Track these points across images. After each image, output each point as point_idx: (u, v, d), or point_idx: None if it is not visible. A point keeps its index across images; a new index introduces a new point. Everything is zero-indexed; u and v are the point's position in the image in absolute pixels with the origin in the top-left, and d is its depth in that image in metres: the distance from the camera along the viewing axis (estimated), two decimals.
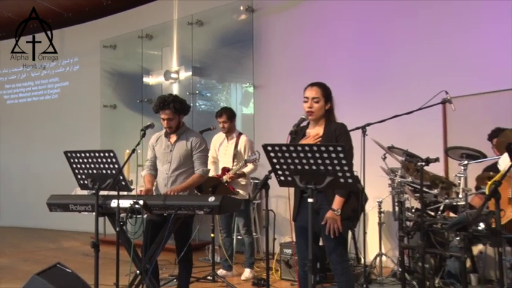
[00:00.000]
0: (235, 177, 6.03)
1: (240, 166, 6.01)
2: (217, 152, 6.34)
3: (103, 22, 10.54)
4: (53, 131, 11.20)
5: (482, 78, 5.87)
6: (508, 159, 2.96)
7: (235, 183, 6.06)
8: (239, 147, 6.16)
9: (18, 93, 12.20)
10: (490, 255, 5.43)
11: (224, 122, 6.20)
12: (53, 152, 8.91)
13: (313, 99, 3.82)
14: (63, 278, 4.99)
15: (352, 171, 3.24)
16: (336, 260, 3.84)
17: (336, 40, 7.35)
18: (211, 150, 6.39)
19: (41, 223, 10.62)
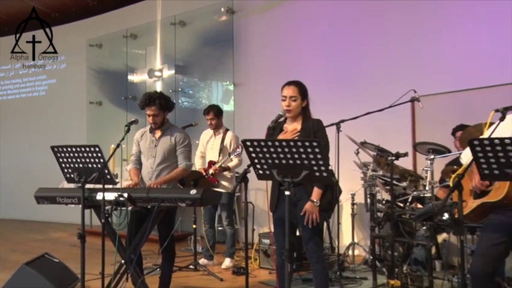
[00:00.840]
0: (220, 170, 6.04)
1: (225, 160, 6.02)
2: (205, 147, 6.34)
3: (89, 22, 10.45)
4: (41, 126, 11.09)
5: (448, 79, 5.94)
6: (469, 153, 3.00)
7: (221, 176, 6.07)
8: (225, 142, 6.17)
9: (6, 90, 12.05)
10: (453, 243, 5.50)
11: (211, 119, 6.21)
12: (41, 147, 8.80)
13: (290, 97, 3.83)
14: (50, 268, 4.99)
15: (327, 165, 3.27)
16: (312, 249, 3.86)
17: (312, 41, 7.37)
18: (199, 145, 6.42)
19: (30, 215, 10.51)
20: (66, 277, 5.03)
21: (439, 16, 6.16)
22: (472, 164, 3.07)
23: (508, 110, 3.30)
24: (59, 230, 9.48)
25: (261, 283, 5.42)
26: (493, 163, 2.90)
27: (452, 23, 6.04)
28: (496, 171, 2.92)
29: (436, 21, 6.18)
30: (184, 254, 6.89)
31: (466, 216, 3.53)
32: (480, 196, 3.51)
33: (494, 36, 5.63)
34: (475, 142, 2.90)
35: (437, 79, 5.98)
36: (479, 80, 5.60)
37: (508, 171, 2.85)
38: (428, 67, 6.12)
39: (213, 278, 5.67)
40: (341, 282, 5.14)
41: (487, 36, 5.70)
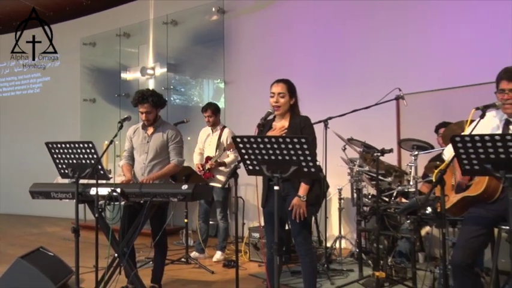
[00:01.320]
0: (216, 165, 6.05)
1: (220, 155, 6.03)
2: (203, 144, 6.35)
3: (83, 21, 10.40)
4: (36, 123, 11.03)
5: (432, 78, 5.96)
6: (451, 150, 3.03)
7: (217, 171, 6.08)
8: (222, 139, 6.18)
9: (1, 87, 11.97)
10: (436, 236, 5.55)
11: (209, 116, 6.23)
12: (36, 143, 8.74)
13: (279, 94, 3.84)
14: (45, 261, 4.98)
15: (314, 161, 3.28)
16: (300, 243, 3.88)
17: (301, 40, 7.39)
18: (198, 142, 6.43)
19: (26, 210, 10.45)
20: (60, 270, 5.02)
21: (424, 18, 6.18)
22: (454, 160, 3.10)
23: (488, 107, 3.33)
24: (53, 225, 9.45)
25: (251, 275, 5.43)
26: (474, 159, 2.93)
27: (436, 24, 6.07)
28: (476, 166, 2.95)
29: (420, 23, 6.21)
30: (176, 247, 6.89)
31: (448, 210, 3.57)
32: (461, 191, 3.55)
33: (476, 37, 5.67)
34: (456, 139, 2.93)
35: (421, 78, 6.01)
36: (461, 79, 5.63)
37: (487, 167, 2.89)
38: (413, 67, 6.15)
39: (204, 270, 5.67)
40: (328, 274, 5.16)
41: (468, 37, 5.74)
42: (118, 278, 4.29)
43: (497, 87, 3.42)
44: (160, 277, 4.81)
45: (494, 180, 3.31)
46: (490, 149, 2.84)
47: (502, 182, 3.18)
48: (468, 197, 3.46)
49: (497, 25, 5.49)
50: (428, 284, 4.67)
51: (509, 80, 3.34)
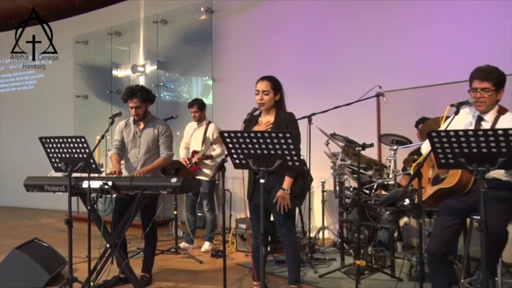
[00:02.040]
0: (203, 158, 6.04)
1: (207, 149, 6.03)
2: (189, 139, 6.34)
3: (76, 20, 10.32)
4: (30, 119, 10.97)
5: (410, 76, 6.01)
6: (428, 144, 3.07)
7: (203, 164, 6.08)
8: (208, 133, 6.17)
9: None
10: (413, 226, 5.62)
11: (195, 112, 6.22)
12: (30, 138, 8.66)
13: (263, 91, 3.85)
14: (40, 251, 4.97)
15: (299, 155, 3.29)
16: (285, 233, 3.91)
17: (286, 39, 7.40)
18: (184, 137, 6.41)
19: (21, 202, 10.44)
20: (54, 260, 5.01)
21: (403, 19, 6.22)
22: (431, 154, 3.14)
23: (462, 105, 3.37)
24: (47, 217, 9.40)
25: (238, 265, 5.46)
26: (449, 153, 2.96)
27: (414, 25, 6.11)
28: (451, 160, 2.99)
29: (399, 24, 6.24)
30: (166, 238, 6.89)
31: (425, 201, 3.61)
32: (436, 183, 3.60)
33: (453, 37, 5.72)
34: (433, 134, 2.96)
35: (400, 76, 6.05)
36: (438, 78, 5.68)
37: (461, 160, 2.93)
38: (393, 65, 6.19)
39: (193, 260, 5.69)
40: (312, 263, 5.20)
41: (446, 37, 5.79)
42: (110, 268, 4.28)
43: (470, 85, 3.46)
44: (151, 267, 4.82)
45: (467, 173, 3.36)
46: (464, 144, 2.88)
47: (474, 175, 3.23)
48: (443, 189, 3.51)
49: (472, 26, 5.55)
50: (406, 271, 4.73)
51: (481, 79, 3.39)
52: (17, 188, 5.23)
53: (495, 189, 3.31)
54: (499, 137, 2.76)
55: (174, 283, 4.80)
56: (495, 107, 3.45)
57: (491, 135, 2.78)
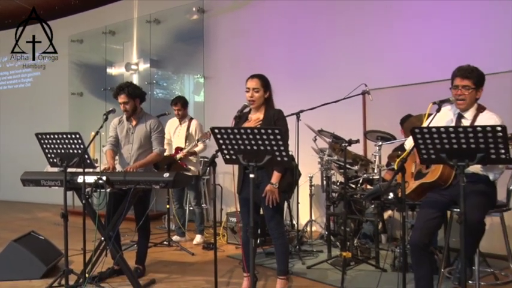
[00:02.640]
0: (188, 155, 6.04)
1: (193, 145, 6.02)
2: (171, 135, 6.31)
3: (71, 19, 10.26)
4: (27, 115, 10.91)
5: (395, 74, 6.01)
6: (412, 141, 3.10)
7: (187, 161, 6.07)
8: (191, 130, 6.16)
9: None
10: (397, 219, 5.65)
11: (179, 110, 6.19)
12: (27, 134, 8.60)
13: (253, 89, 3.86)
14: (36, 244, 4.98)
15: (287, 151, 3.30)
16: (273, 226, 3.92)
17: (275, 38, 7.39)
18: (166, 133, 6.36)
19: (17, 197, 10.40)
20: (51, 252, 5.02)
21: (389, 19, 6.21)
22: (414, 150, 3.16)
23: (444, 102, 3.41)
24: (44, 210, 9.35)
25: (229, 257, 5.47)
26: (431, 149, 2.99)
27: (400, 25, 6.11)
28: (433, 155, 3.01)
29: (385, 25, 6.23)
30: (159, 231, 6.89)
31: (408, 195, 3.64)
32: (419, 178, 3.63)
33: (435, 37, 5.74)
34: (416, 130, 2.99)
35: (385, 75, 6.06)
36: (421, 77, 5.69)
37: (443, 156, 2.95)
38: (378, 64, 6.20)
39: (185, 252, 5.70)
40: (300, 255, 5.22)
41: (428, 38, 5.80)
42: (104, 260, 4.28)
43: (452, 83, 3.50)
44: (144, 259, 4.82)
45: (448, 168, 3.39)
46: (445, 140, 2.91)
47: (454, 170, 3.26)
48: (425, 184, 3.54)
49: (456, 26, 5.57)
50: (390, 262, 4.77)
51: (462, 77, 3.43)
52: (14, 182, 5.22)
53: (474, 183, 3.35)
54: (478, 134, 2.80)
55: (166, 274, 4.80)
56: (474, 105, 3.50)
57: (470, 132, 2.82)
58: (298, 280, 4.52)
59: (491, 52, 5.17)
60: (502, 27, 5.19)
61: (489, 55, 5.10)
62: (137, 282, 4.33)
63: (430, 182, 3.49)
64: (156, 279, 4.62)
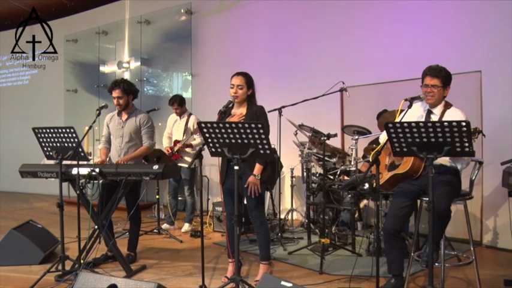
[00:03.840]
0: (184, 147, 6.02)
1: (187, 138, 6.00)
2: (171, 129, 6.29)
3: (66, 20, 10.12)
4: (25, 111, 10.76)
5: (371, 73, 6.01)
6: (386, 135, 3.13)
7: (184, 153, 6.04)
8: (189, 124, 6.13)
9: None
10: (371, 207, 5.70)
11: (176, 109, 6.18)
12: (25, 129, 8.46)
13: (237, 86, 3.85)
14: (35, 232, 4.97)
15: (269, 144, 3.32)
16: (255, 215, 3.93)
17: (258, 38, 7.36)
18: (167, 127, 6.34)
19: (17, 188, 10.36)
20: (48, 240, 5.01)
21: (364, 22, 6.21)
22: (387, 143, 3.19)
23: (414, 99, 3.45)
24: (41, 200, 9.27)
25: (215, 244, 5.48)
26: (403, 142, 3.03)
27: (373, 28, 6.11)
28: (405, 148, 3.05)
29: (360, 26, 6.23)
30: (149, 220, 6.87)
31: (382, 185, 3.68)
32: (392, 169, 3.67)
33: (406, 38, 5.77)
34: (389, 125, 3.02)
35: (361, 73, 6.07)
36: (394, 75, 5.71)
37: (413, 149, 2.99)
38: (355, 63, 6.21)
39: (174, 240, 5.69)
40: (282, 242, 5.24)
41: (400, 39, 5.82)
42: (98, 247, 4.28)
43: (422, 82, 3.54)
44: (135, 246, 4.82)
45: (418, 160, 3.43)
46: (416, 134, 2.95)
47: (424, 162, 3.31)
48: (398, 174, 3.58)
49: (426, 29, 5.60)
50: (365, 248, 4.82)
51: (432, 76, 3.48)
52: (13, 174, 5.17)
53: (441, 174, 3.40)
54: (445, 128, 2.84)
55: (156, 260, 4.79)
56: (442, 102, 3.56)
57: (438, 127, 2.86)
58: (279, 265, 4.54)
59: (459, 53, 5.22)
60: (469, 30, 5.24)
61: (457, 56, 5.15)
62: (129, 268, 4.33)
63: (402, 173, 3.53)
64: (147, 265, 4.61)
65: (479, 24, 5.17)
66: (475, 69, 5.13)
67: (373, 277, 3.41)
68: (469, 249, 3.70)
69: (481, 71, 5.12)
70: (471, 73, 5.13)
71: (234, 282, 3.48)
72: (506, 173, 3.73)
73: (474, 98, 5.14)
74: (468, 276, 4.01)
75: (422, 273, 4.06)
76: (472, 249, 3.64)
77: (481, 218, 5.15)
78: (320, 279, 4.07)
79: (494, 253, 4.91)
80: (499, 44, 5.01)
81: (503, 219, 4.90)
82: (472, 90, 5.15)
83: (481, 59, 5.11)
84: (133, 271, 4.33)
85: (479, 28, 5.16)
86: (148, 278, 4.18)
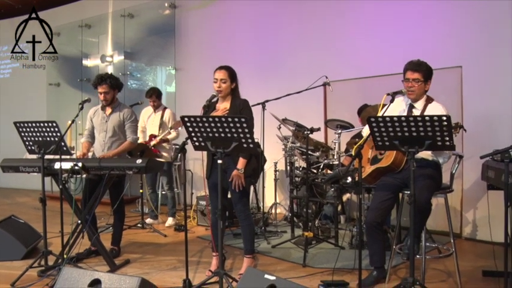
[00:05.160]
0: (161, 142, 5.98)
1: (166, 133, 5.96)
2: (145, 123, 6.23)
3: (49, 13, 9.91)
4: (6, 105, 10.58)
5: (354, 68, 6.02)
6: (368, 129, 3.14)
7: (161, 147, 6.00)
8: (164, 118, 6.09)
9: None
10: (354, 201, 5.74)
11: (154, 101, 6.14)
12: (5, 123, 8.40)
13: (221, 80, 3.82)
14: (17, 227, 4.91)
15: (253, 138, 3.31)
16: (240, 209, 3.92)
17: (241, 32, 7.32)
18: (140, 121, 6.26)
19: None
20: (30, 235, 4.93)
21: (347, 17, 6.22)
22: (370, 137, 3.20)
23: (396, 94, 3.47)
24: (24, 196, 9.12)
25: (199, 238, 5.46)
26: (385, 136, 3.04)
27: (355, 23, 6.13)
28: (387, 142, 3.07)
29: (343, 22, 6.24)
30: (133, 214, 6.81)
31: (364, 179, 3.70)
32: (375, 163, 3.68)
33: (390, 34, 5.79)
34: (371, 119, 3.03)
35: (344, 68, 6.07)
36: (377, 70, 5.72)
37: (395, 143, 3.01)
38: (338, 58, 6.21)
39: (157, 234, 5.66)
40: (265, 235, 5.25)
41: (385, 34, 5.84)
42: (82, 242, 4.24)
43: (403, 76, 3.56)
44: (119, 240, 4.78)
45: (400, 154, 3.46)
46: (398, 128, 2.96)
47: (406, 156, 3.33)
48: (380, 168, 3.60)
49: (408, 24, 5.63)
50: (348, 241, 4.84)
51: (413, 70, 3.51)
52: None
53: (423, 167, 3.43)
54: (426, 123, 2.86)
55: (140, 255, 4.77)
56: (424, 97, 3.58)
57: (420, 121, 2.88)
58: (263, 258, 4.55)
59: (440, 49, 5.26)
60: (450, 26, 5.28)
61: (437, 51, 5.18)
62: (113, 262, 4.29)
63: (385, 167, 3.55)
64: (131, 259, 4.57)
65: (459, 20, 5.21)
66: (456, 64, 5.18)
67: (356, 269, 3.43)
68: (449, 241, 3.75)
69: (461, 66, 5.17)
70: (452, 68, 5.18)
71: (218, 275, 3.48)
72: (485, 166, 3.77)
73: (455, 93, 5.19)
74: (448, 268, 4.06)
75: (403, 265, 4.10)
76: (452, 242, 3.68)
77: (461, 210, 5.22)
78: (303, 272, 4.08)
79: (474, 245, 4.98)
80: (479, 40, 5.06)
81: (482, 212, 4.97)
82: (453, 85, 5.20)
83: (462, 54, 5.16)
84: (117, 265, 4.29)
85: (460, 24, 5.21)
86: (132, 272, 4.16)
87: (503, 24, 4.91)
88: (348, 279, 3.67)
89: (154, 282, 3.07)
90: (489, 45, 4.99)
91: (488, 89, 5.02)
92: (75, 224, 4.23)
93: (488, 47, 5.00)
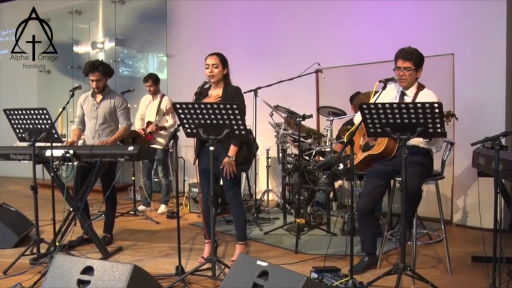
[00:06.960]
0: (157, 129, 5.95)
1: (159, 119, 5.94)
2: (144, 110, 6.20)
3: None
4: None
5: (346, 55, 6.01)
6: (360, 116, 3.13)
7: (157, 134, 5.98)
8: (162, 105, 6.05)
9: None
10: (346, 188, 5.76)
11: (150, 86, 6.10)
12: None
13: (212, 65, 3.80)
14: (8, 216, 4.88)
15: (245, 125, 3.30)
16: (231, 196, 3.92)
17: (233, 19, 7.27)
18: (139, 109, 6.27)
19: None
20: (22, 223, 4.90)
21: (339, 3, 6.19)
22: (362, 124, 3.20)
23: (388, 81, 3.46)
24: (15, 184, 9.04)
25: (191, 225, 5.47)
26: (377, 123, 3.04)
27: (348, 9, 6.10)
28: (379, 129, 3.07)
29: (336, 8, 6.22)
30: (125, 202, 6.80)
31: (356, 166, 3.71)
32: (366, 150, 3.69)
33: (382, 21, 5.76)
34: (363, 106, 3.02)
35: (336, 55, 6.05)
36: (369, 57, 5.70)
37: (387, 130, 3.01)
38: (330, 44, 6.18)
39: (150, 221, 5.66)
40: (257, 222, 5.27)
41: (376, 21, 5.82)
42: (74, 229, 4.23)
43: (395, 64, 3.56)
44: (112, 228, 4.78)
45: (392, 141, 3.47)
46: (389, 115, 2.96)
47: (397, 143, 3.34)
48: (372, 155, 3.61)
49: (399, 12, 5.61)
50: (339, 227, 4.87)
51: (404, 59, 3.51)
52: None
53: (414, 154, 3.44)
54: (418, 110, 2.86)
55: (133, 242, 4.77)
56: (415, 84, 3.58)
57: (411, 108, 2.88)
58: (256, 245, 4.57)
59: (432, 36, 5.25)
60: (442, 13, 5.26)
61: (429, 39, 5.17)
62: (105, 250, 4.29)
63: (376, 154, 3.56)
64: (123, 246, 4.58)
65: (451, 7, 5.19)
66: (448, 52, 5.18)
67: (348, 256, 3.45)
68: (440, 227, 3.79)
69: (453, 53, 5.17)
70: (444, 56, 5.18)
71: (211, 262, 3.49)
72: (476, 153, 3.79)
73: (447, 80, 5.20)
74: (439, 254, 4.10)
75: (395, 251, 4.13)
76: (442, 228, 3.72)
77: (451, 197, 5.26)
78: (295, 258, 4.10)
79: (464, 231, 5.03)
80: (471, 27, 5.06)
81: (472, 199, 5.01)
82: (445, 72, 5.21)
83: (454, 42, 5.15)
84: (109, 253, 4.30)
85: (452, 11, 5.19)
86: (124, 259, 4.16)
87: (495, 11, 4.90)
88: (340, 265, 3.70)
89: (147, 269, 3.06)
90: (481, 32, 4.99)
91: (480, 76, 5.02)
92: (67, 211, 4.21)
93: (480, 34, 4.99)
